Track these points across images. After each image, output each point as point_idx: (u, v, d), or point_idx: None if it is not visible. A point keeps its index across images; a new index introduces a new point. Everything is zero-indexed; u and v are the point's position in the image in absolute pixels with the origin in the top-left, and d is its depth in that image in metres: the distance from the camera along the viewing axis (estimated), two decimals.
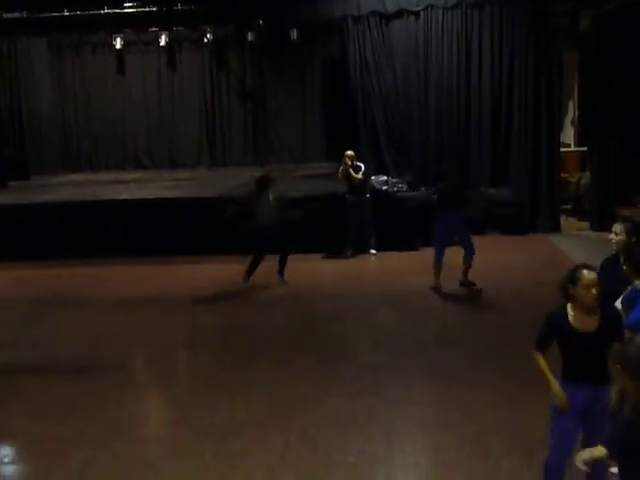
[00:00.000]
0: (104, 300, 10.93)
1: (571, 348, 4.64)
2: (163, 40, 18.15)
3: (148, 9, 16.27)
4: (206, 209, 13.56)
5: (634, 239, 5.56)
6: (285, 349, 8.59)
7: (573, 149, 17.12)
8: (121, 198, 14.40)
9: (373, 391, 7.12)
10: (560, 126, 15.56)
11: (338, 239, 13.04)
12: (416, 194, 13.94)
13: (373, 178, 13.90)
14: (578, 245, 12.69)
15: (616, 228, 5.72)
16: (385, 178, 14.37)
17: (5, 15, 16.33)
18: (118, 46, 18.29)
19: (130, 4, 16.21)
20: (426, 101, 15.23)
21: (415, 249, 13.12)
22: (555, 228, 14.48)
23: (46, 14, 16.20)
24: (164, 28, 17.92)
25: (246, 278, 11.26)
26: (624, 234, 5.64)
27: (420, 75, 15.22)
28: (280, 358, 8.24)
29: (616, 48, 13.41)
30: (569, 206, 15.79)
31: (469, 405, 6.70)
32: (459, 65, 15.00)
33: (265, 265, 11.70)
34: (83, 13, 16.16)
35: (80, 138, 19.97)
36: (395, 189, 13.91)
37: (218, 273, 12.19)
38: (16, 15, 16.34)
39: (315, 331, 9.21)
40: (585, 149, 15.74)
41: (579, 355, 4.61)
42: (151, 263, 12.81)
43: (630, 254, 5.10)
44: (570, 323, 4.60)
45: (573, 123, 17.43)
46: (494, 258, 11.36)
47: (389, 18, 15.26)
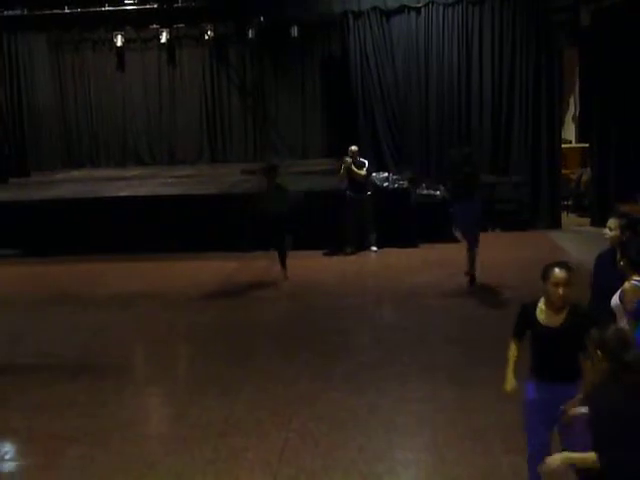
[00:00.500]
0: (103, 296, 10.94)
1: (536, 342, 4.72)
2: (164, 37, 18.16)
3: (149, 6, 16.25)
4: (206, 206, 13.56)
5: (628, 234, 5.54)
6: (285, 345, 8.59)
7: (574, 145, 17.10)
8: (121, 195, 14.41)
9: (373, 387, 7.12)
10: (561, 122, 15.54)
11: (339, 236, 13.03)
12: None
13: (374, 175, 13.89)
14: (578, 241, 12.68)
15: (610, 223, 5.69)
16: (386, 175, 14.35)
17: (6, 12, 16.33)
18: (119, 43, 18.30)
19: (130, 1, 16.20)
20: (426, 97, 15.22)
21: (416, 246, 13.13)
22: (556, 224, 14.48)
23: (47, 11, 16.19)
24: (164, 25, 17.93)
25: (283, 273, 11.29)
26: (618, 229, 5.62)
27: (420, 71, 15.21)
28: (280, 354, 8.25)
29: (617, 43, 13.39)
30: (570, 202, 15.77)
31: (469, 402, 6.70)
32: (459, 61, 14.99)
33: (265, 262, 11.72)
34: (83, 10, 16.14)
35: (80, 135, 19.98)
36: (396, 185, 13.89)
37: (218, 270, 12.20)
38: (17, 12, 16.33)
39: (315, 327, 9.20)
40: (586, 145, 15.71)
41: (542, 350, 4.67)
42: (151, 260, 12.82)
43: (626, 249, 5.08)
44: (536, 316, 4.69)
45: (574, 119, 17.41)
46: (494, 254, 11.34)
47: (390, 14, 15.26)
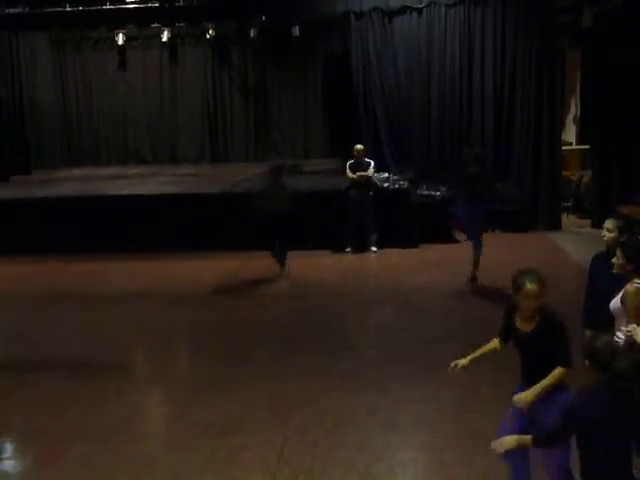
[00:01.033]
0: (103, 295, 10.94)
1: (518, 349, 4.73)
2: (165, 36, 18.19)
3: (150, 5, 16.23)
4: (207, 205, 13.57)
5: (626, 236, 5.53)
6: (284, 345, 8.59)
7: (575, 147, 17.09)
8: (122, 193, 14.42)
9: (373, 387, 7.13)
10: (562, 124, 15.54)
11: (339, 236, 13.04)
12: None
13: (375, 175, 13.89)
14: (579, 243, 12.68)
15: (608, 224, 5.67)
16: (386, 175, 14.36)
17: (7, 10, 16.33)
18: (120, 42, 18.32)
19: (132, 0, 16.20)
20: (428, 98, 15.21)
21: (416, 246, 13.14)
22: (556, 226, 14.48)
23: (48, 9, 16.19)
24: (166, 24, 17.95)
25: (281, 270, 11.54)
26: (616, 231, 5.61)
27: (422, 72, 15.20)
28: (279, 353, 8.24)
29: (619, 45, 13.39)
30: (570, 204, 15.77)
31: (469, 401, 6.71)
32: (461, 62, 14.99)
33: (265, 261, 11.72)
34: (85, 8, 16.13)
35: (82, 133, 20.02)
36: (396, 186, 13.89)
37: (219, 269, 12.21)
38: (18, 10, 16.32)
39: (315, 327, 9.21)
40: (587, 147, 15.71)
41: (520, 354, 4.71)
42: (152, 258, 12.83)
43: (627, 247, 5.06)
44: (515, 323, 4.70)
45: (575, 121, 17.40)
46: (494, 255, 11.33)
47: (391, 14, 15.24)
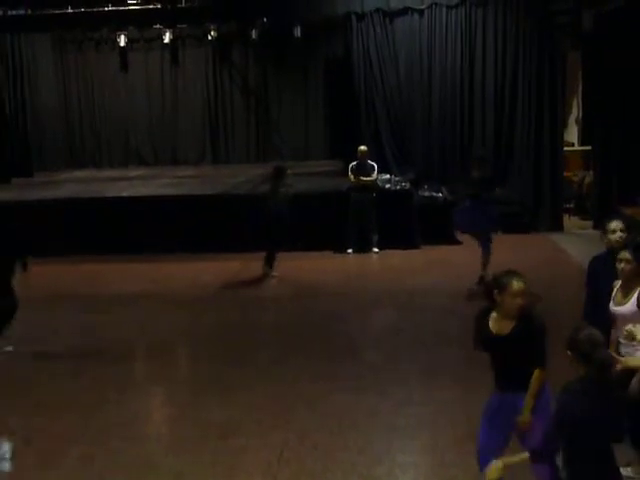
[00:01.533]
0: (104, 296, 10.94)
1: (490, 353, 4.66)
2: (167, 37, 18.20)
3: (152, 6, 16.24)
4: (208, 206, 13.57)
5: (631, 236, 5.50)
6: (285, 347, 8.59)
7: (577, 148, 17.07)
8: (123, 195, 14.42)
9: (374, 389, 7.12)
10: (564, 125, 15.53)
11: (341, 237, 13.04)
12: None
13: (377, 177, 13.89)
14: (580, 244, 12.66)
15: (617, 225, 5.56)
16: (388, 176, 14.35)
17: (9, 12, 16.34)
18: (122, 43, 18.32)
19: (134, 1, 16.20)
20: (429, 99, 15.21)
21: (417, 247, 13.14)
22: (557, 227, 14.48)
23: (50, 11, 16.20)
24: (168, 25, 17.95)
25: (266, 270, 11.46)
26: (625, 231, 5.56)
27: (423, 73, 15.20)
28: (280, 356, 8.24)
29: (619, 47, 13.38)
30: (572, 205, 15.76)
31: (470, 404, 6.66)
32: (462, 63, 14.99)
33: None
34: (87, 10, 16.15)
35: (83, 135, 20.02)
36: (398, 187, 13.89)
37: (219, 270, 12.20)
38: (20, 12, 16.34)
39: (316, 329, 9.21)
40: (588, 148, 15.70)
41: (495, 360, 4.62)
42: (153, 260, 12.83)
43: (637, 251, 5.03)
44: (489, 327, 4.62)
45: (577, 122, 17.39)
46: (496, 256, 11.30)
47: (393, 16, 15.24)
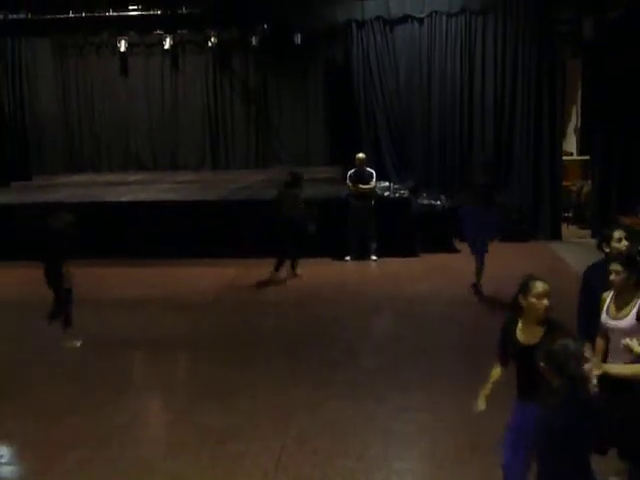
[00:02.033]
0: (103, 301, 10.92)
1: (516, 363, 4.62)
2: (167, 43, 18.27)
3: (153, 12, 16.30)
4: (207, 212, 13.57)
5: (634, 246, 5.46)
6: (284, 353, 8.58)
7: (575, 157, 17.11)
8: (122, 200, 14.42)
9: (373, 395, 7.11)
10: (562, 134, 15.57)
11: (340, 244, 13.03)
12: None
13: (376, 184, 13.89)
14: (579, 253, 12.66)
15: (621, 234, 5.48)
16: (387, 184, 14.36)
17: (10, 16, 16.37)
18: (122, 48, 18.39)
19: (135, 7, 16.25)
20: (429, 107, 15.24)
21: (416, 255, 13.14)
22: (556, 236, 14.49)
23: (51, 15, 16.23)
24: (168, 31, 18.02)
25: (275, 272, 11.69)
26: (630, 240, 5.52)
27: (423, 81, 15.23)
28: (279, 362, 8.24)
29: (619, 56, 13.41)
30: (570, 214, 15.78)
31: (468, 410, 6.66)
32: (462, 71, 15.02)
33: (265, 269, 11.71)
34: (88, 15, 16.19)
35: (83, 139, 20.06)
36: (397, 195, 13.90)
37: (219, 276, 12.20)
38: (21, 16, 16.37)
39: (314, 335, 9.20)
40: (587, 158, 15.73)
41: (522, 370, 4.54)
42: (152, 265, 12.82)
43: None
44: (516, 336, 4.59)
45: (576, 131, 17.43)
46: (494, 265, 11.33)
47: (393, 23, 15.27)
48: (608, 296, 5.04)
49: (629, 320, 4.87)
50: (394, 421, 6.55)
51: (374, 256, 13.07)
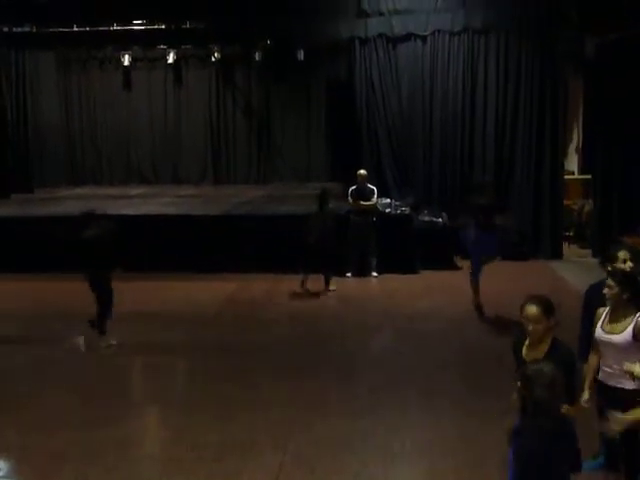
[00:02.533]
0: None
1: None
2: (170, 57, 18.31)
3: (156, 26, 16.37)
4: (208, 226, 13.57)
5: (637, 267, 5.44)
6: (282, 369, 8.54)
7: (576, 177, 17.11)
8: (123, 213, 14.39)
9: (371, 413, 7.08)
10: (564, 153, 15.58)
11: (340, 260, 13.01)
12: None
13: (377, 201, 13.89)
14: (579, 272, 12.64)
15: (627, 255, 5.47)
16: (388, 201, 14.36)
17: (14, 29, 16.44)
18: (126, 62, 18.47)
19: (138, 21, 16.31)
20: (430, 124, 15.26)
21: (416, 272, 13.12)
22: (557, 255, 14.47)
23: (55, 29, 16.30)
24: (172, 46, 18.08)
25: (303, 285, 11.87)
26: (633, 260, 5.49)
27: (425, 99, 15.25)
28: (277, 378, 8.20)
29: (621, 76, 13.45)
30: (571, 233, 15.76)
31: (468, 429, 6.65)
32: (464, 89, 15.04)
33: (265, 284, 11.69)
34: (92, 29, 16.25)
35: (85, 152, 20.09)
36: (398, 211, 13.90)
37: (218, 291, 12.17)
38: (25, 29, 16.44)
39: (313, 351, 9.17)
40: (589, 177, 15.74)
41: None
42: (151, 279, 12.78)
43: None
44: (522, 353, 4.64)
45: (577, 150, 17.45)
46: (494, 283, 11.32)
47: (396, 41, 15.29)
48: (604, 311, 5.08)
49: (623, 336, 4.90)
50: (393, 439, 6.51)
51: (374, 272, 13.06)
